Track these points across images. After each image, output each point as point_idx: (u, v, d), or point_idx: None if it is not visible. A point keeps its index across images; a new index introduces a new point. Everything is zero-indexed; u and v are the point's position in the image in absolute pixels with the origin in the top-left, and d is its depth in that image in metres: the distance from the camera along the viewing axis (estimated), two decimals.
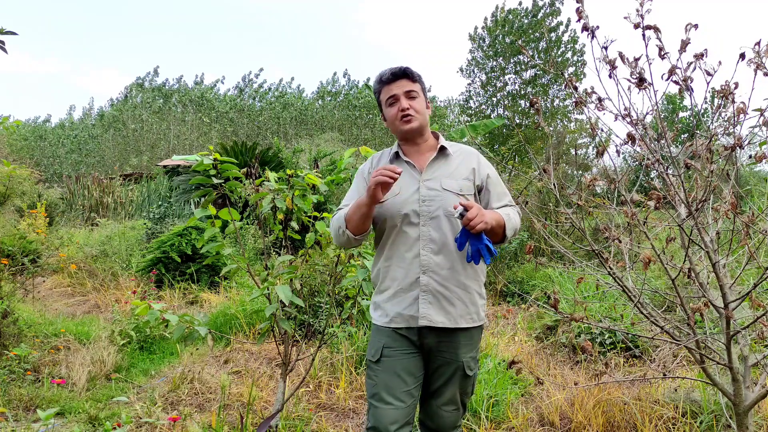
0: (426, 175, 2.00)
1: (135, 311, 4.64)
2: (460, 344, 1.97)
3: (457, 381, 2.00)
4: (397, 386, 1.94)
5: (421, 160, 2.05)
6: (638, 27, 1.82)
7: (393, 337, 1.98)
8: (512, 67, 21.31)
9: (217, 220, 2.75)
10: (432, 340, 1.96)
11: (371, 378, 2.01)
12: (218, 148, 10.94)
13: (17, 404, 3.40)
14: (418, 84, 2.01)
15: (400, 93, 1.98)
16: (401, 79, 1.99)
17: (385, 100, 2.02)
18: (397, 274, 1.97)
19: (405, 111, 1.97)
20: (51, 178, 24.32)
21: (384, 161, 2.10)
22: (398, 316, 1.96)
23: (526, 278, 6.56)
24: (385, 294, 2.01)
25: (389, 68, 2.02)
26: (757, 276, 3.36)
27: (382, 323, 2.01)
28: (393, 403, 1.93)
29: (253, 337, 4.88)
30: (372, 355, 2.02)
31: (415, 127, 2.00)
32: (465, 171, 2.03)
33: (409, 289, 1.95)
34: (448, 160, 2.04)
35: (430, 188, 1.97)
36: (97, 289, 6.80)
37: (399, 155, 2.06)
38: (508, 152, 10.54)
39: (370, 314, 2.11)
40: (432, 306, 1.93)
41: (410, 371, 1.97)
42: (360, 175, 2.13)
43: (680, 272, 1.98)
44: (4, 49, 2.41)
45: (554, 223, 2.68)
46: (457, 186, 1.98)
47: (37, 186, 10.92)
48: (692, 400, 3.07)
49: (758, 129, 1.88)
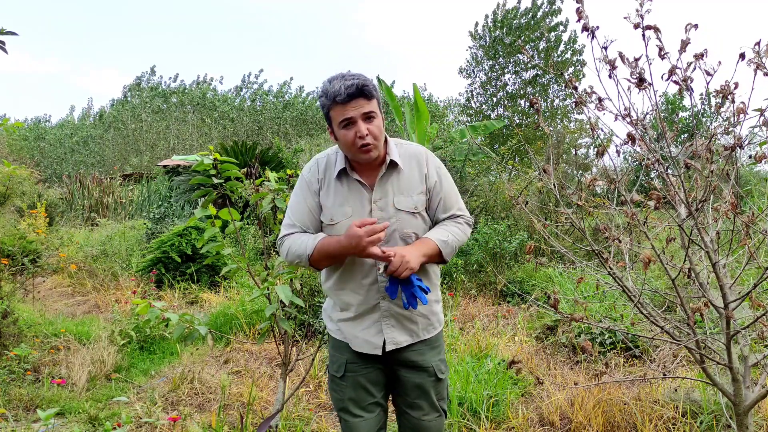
0: (376, 194, 1.85)
1: (135, 310, 4.63)
2: (425, 351, 1.94)
3: (431, 387, 1.96)
4: (364, 398, 1.92)
5: (371, 175, 1.87)
6: (638, 27, 1.82)
7: (355, 353, 1.92)
8: (512, 66, 21.33)
9: (217, 220, 2.75)
10: (397, 355, 1.92)
11: (337, 392, 1.96)
12: (218, 148, 10.94)
13: (17, 404, 3.40)
14: (374, 100, 1.77)
15: (357, 116, 1.73)
16: (357, 98, 1.72)
17: (339, 122, 1.76)
18: (353, 300, 1.88)
19: (364, 139, 1.74)
20: (51, 178, 24.31)
21: (329, 173, 1.88)
22: (364, 342, 1.89)
23: (526, 278, 6.56)
24: (343, 313, 1.92)
25: (342, 82, 1.72)
26: (757, 276, 3.36)
27: (344, 341, 1.93)
28: (362, 415, 1.92)
29: (253, 337, 4.88)
30: (335, 370, 1.96)
31: (373, 157, 1.80)
32: (416, 183, 1.89)
33: (369, 313, 1.88)
34: (399, 173, 1.88)
35: (382, 208, 1.84)
36: (97, 289, 6.80)
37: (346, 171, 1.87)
38: (508, 152, 10.53)
39: (327, 325, 2.02)
40: (395, 329, 1.88)
41: (375, 382, 1.94)
42: (305, 186, 1.91)
43: (680, 272, 1.98)
44: (4, 49, 2.40)
45: (554, 223, 2.68)
46: (411, 204, 1.86)
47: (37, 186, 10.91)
48: (692, 400, 3.07)
49: (758, 129, 1.88)
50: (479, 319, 5.32)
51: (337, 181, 1.87)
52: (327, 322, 2.02)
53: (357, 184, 1.86)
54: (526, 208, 2.46)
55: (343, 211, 1.84)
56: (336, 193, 1.87)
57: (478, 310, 5.75)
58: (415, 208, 1.87)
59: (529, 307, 5.74)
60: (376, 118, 1.78)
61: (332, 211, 1.86)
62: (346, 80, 1.72)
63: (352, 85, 1.71)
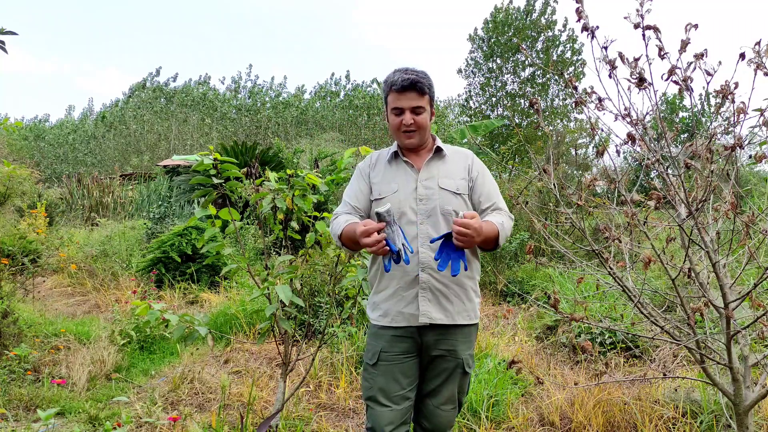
0: (423, 174, 2.03)
1: (135, 311, 4.63)
2: (458, 341, 2.01)
3: (456, 379, 2.03)
4: (394, 389, 1.98)
5: (418, 160, 2.08)
6: (638, 27, 1.82)
7: (391, 341, 2.00)
8: (510, 66, 21.34)
9: (217, 220, 2.75)
10: (431, 338, 1.99)
11: (368, 380, 2.03)
12: (218, 148, 10.94)
13: (17, 404, 3.40)
14: (426, 97, 1.99)
15: (406, 107, 1.97)
16: (410, 91, 1.96)
17: (391, 109, 2.01)
18: (396, 273, 1.98)
19: (408, 127, 1.99)
20: (51, 178, 24.31)
21: (382, 160, 2.12)
22: (399, 314, 1.98)
23: (526, 278, 6.55)
24: (383, 293, 2.03)
25: (402, 74, 1.96)
26: (757, 276, 3.36)
27: (383, 323, 2.02)
28: (389, 405, 1.97)
29: (253, 337, 4.88)
30: (369, 358, 2.04)
31: (414, 143, 2.03)
32: (460, 170, 2.06)
33: (409, 287, 1.97)
34: (445, 160, 2.08)
35: (427, 187, 2.00)
36: (97, 289, 6.80)
37: (398, 155, 2.09)
38: (508, 152, 10.53)
39: (368, 314, 2.12)
40: (431, 303, 1.96)
41: (406, 374, 2.00)
42: (358, 173, 2.14)
43: (680, 272, 1.98)
44: (4, 49, 2.41)
45: (554, 223, 2.68)
46: (454, 185, 2.02)
47: (37, 186, 10.92)
48: (692, 400, 3.06)
49: (758, 129, 1.87)
50: (479, 319, 5.31)
51: (387, 164, 2.09)
52: (369, 311, 2.11)
53: (405, 165, 2.06)
54: (526, 208, 2.46)
55: (390, 187, 2.02)
56: (386, 172, 2.08)
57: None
58: (458, 189, 2.02)
59: (529, 307, 5.74)
60: (424, 113, 2.00)
61: (380, 187, 2.05)
62: (405, 74, 1.95)
63: (408, 78, 1.94)
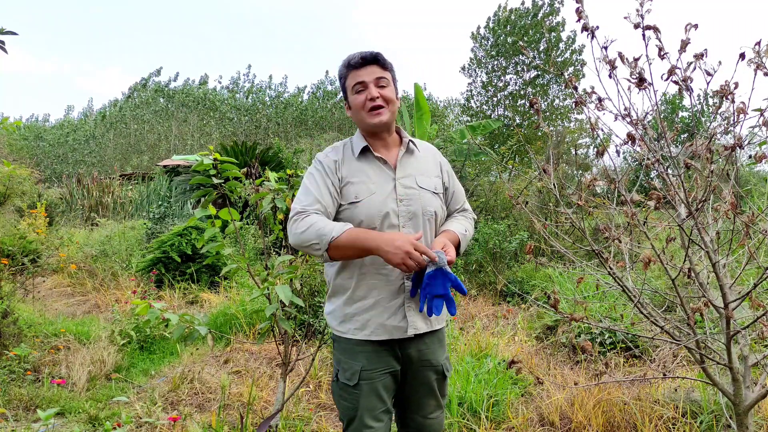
0: (399, 172, 1.87)
1: (135, 311, 4.63)
2: (435, 347, 1.92)
3: (438, 385, 1.95)
4: (378, 406, 1.84)
5: (390, 155, 1.91)
6: (638, 27, 1.82)
7: (371, 358, 1.83)
8: (513, 67, 21.35)
9: (217, 220, 2.75)
10: (413, 349, 1.87)
11: (347, 401, 1.85)
12: (218, 148, 10.94)
13: (17, 404, 3.40)
14: (389, 72, 1.85)
15: (369, 80, 1.81)
16: (371, 65, 1.82)
17: (352, 87, 1.84)
18: (377, 282, 1.81)
19: (374, 101, 1.81)
20: (51, 178, 24.31)
21: (347, 155, 1.89)
22: (380, 327, 1.81)
23: (526, 278, 6.56)
24: (360, 303, 1.83)
25: (359, 52, 1.84)
26: (757, 276, 3.36)
27: (360, 337, 1.82)
28: (374, 426, 1.81)
29: (253, 337, 4.88)
30: (347, 378, 1.84)
31: (384, 121, 1.83)
32: (433, 167, 1.97)
33: (392, 297, 1.81)
34: (417, 156, 1.95)
35: (407, 186, 1.86)
36: (97, 289, 6.80)
37: (368, 150, 1.89)
38: (508, 152, 10.53)
39: (335, 327, 1.90)
40: (416, 313, 1.83)
41: (388, 388, 1.87)
42: (322, 167, 1.86)
43: (680, 272, 1.98)
44: (4, 49, 2.41)
45: (554, 223, 2.68)
46: (431, 184, 1.91)
47: (37, 186, 10.92)
48: (692, 400, 3.07)
49: (758, 129, 1.87)
50: (479, 318, 5.32)
51: (358, 161, 1.87)
52: (335, 324, 1.89)
53: (379, 163, 1.88)
54: (526, 208, 2.46)
55: (368, 189, 1.82)
56: (359, 171, 1.86)
57: (478, 309, 5.76)
58: (435, 188, 1.92)
59: (529, 307, 5.74)
60: (389, 87, 1.85)
61: (357, 189, 1.82)
62: (364, 51, 1.84)
63: (367, 52, 1.83)
